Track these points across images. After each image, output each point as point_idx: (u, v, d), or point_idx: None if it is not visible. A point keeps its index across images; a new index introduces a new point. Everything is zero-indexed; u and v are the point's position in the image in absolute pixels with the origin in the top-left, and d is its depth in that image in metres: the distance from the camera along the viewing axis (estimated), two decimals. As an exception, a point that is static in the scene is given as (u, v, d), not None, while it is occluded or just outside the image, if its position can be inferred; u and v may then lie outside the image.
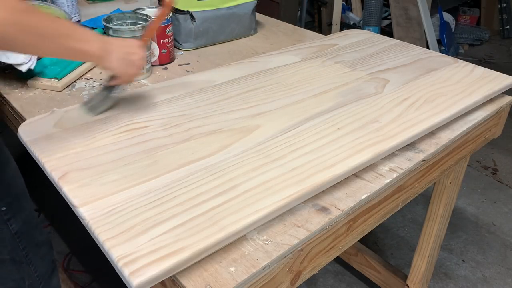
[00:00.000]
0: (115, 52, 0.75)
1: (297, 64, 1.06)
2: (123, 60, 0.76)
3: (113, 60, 0.75)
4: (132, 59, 0.78)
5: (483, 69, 1.07)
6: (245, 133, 0.78)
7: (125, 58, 0.77)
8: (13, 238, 0.84)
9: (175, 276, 0.55)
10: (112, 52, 0.74)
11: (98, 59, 0.74)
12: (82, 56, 0.72)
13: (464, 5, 3.79)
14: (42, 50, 0.66)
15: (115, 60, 0.75)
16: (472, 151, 0.99)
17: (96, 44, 0.71)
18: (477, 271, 1.64)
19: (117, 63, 0.76)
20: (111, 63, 0.75)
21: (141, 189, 0.64)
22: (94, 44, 0.71)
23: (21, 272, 0.88)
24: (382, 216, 0.77)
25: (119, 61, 0.76)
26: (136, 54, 0.79)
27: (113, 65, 0.76)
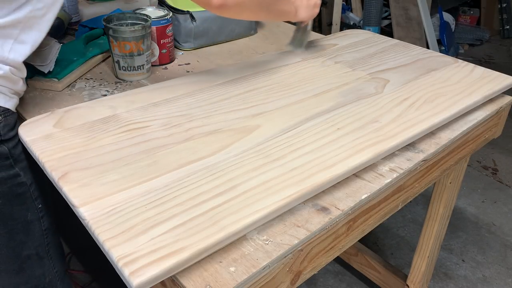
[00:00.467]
0: (301, 6, 0.98)
1: (297, 64, 1.06)
2: (308, 8, 1.00)
3: (301, 12, 0.99)
4: (312, 3, 1.00)
5: (483, 69, 1.07)
6: (245, 133, 0.78)
7: (309, 5, 1.00)
8: (42, 234, 0.87)
9: (175, 276, 0.55)
10: (299, 7, 0.98)
11: (294, 16, 0.98)
12: (285, 15, 0.97)
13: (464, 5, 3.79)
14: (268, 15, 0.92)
15: (303, 11, 0.99)
16: (472, 151, 0.99)
17: (290, 4, 0.95)
18: (477, 271, 1.64)
19: (305, 13, 1.00)
20: (302, 14, 1.00)
21: (141, 189, 0.64)
22: (289, 5, 0.95)
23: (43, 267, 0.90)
24: (382, 216, 0.77)
25: (306, 10, 1.00)
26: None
27: (303, 15, 1.00)
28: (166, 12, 1.12)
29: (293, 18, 1.00)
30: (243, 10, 0.84)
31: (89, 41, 1.16)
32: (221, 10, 0.80)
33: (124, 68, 1.03)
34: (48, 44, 0.98)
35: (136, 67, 1.03)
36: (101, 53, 1.13)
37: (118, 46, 1.01)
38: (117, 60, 1.03)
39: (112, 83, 1.04)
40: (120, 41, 1.00)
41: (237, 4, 0.80)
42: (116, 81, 1.05)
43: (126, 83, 1.04)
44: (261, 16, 0.96)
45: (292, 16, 0.98)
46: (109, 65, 1.12)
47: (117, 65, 1.04)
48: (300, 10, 0.98)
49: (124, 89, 1.01)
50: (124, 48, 1.00)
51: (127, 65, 1.03)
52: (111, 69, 1.10)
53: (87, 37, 1.15)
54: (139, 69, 1.04)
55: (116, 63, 1.04)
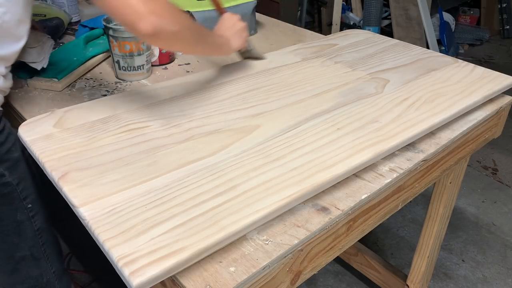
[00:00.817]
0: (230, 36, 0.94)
1: (297, 64, 1.06)
2: (236, 35, 0.96)
3: (234, 42, 0.95)
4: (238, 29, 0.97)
5: (483, 69, 1.07)
6: (245, 133, 0.78)
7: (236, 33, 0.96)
8: (35, 234, 0.86)
9: (175, 276, 0.55)
10: (230, 38, 0.94)
11: (228, 48, 0.94)
12: (219, 49, 0.91)
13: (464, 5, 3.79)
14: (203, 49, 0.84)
15: (235, 41, 0.95)
16: (472, 151, 0.99)
17: (222, 38, 0.92)
18: (477, 271, 1.64)
19: (237, 41, 0.96)
20: (235, 44, 0.96)
21: (141, 189, 0.64)
22: (221, 38, 0.91)
23: (40, 268, 0.89)
24: (382, 216, 0.77)
25: (237, 39, 0.96)
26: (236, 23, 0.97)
27: (237, 45, 0.96)
28: (166, 12, 1.12)
29: (226, 51, 0.95)
30: (177, 42, 0.73)
31: (89, 41, 1.16)
32: (153, 39, 0.68)
33: (124, 68, 1.03)
34: (40, 40, 0.98)
35: (136, 67, 1.03)
36: (101, 53, 1.13)
37: (118, 46, 1.01)
38: (117, 60, 1.03)
39: (112, 83, 1.04)
40: (120, 41, 1.00)
41: (170, 34, 0.68)
42: (116, 81, 1.05)
43: (126, 83, 1.04)
44: (196, 49, 0.84)
45: (226, 49, 0.93)
46: (109, 65, 1.12)
47: (117, 65, 1.04)
48: (231, 40, 0.94)
49: (124, 89, 1.01)
50: (124, 48, 1.00)
51: (127, 65, 1.03)
52: (111, 69, 1.10)
53: (87, 37, 1.15)
54: (139, 69, 1.04)
55: (116, 63, 1.04)
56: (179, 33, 0.70)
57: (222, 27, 0.95)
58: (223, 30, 0.94)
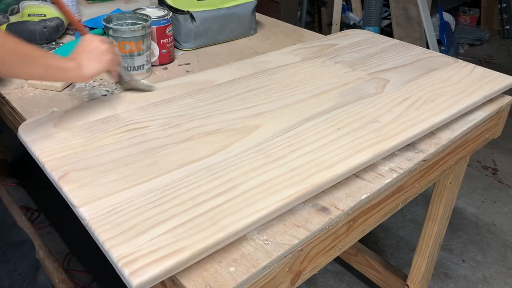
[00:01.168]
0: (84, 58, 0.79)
1: (297, 64, 1.06)
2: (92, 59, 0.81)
3: (88, 66, 0.79)
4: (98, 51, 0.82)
5: (483, 69, 1.07)
6: (245, 133, 0.78)
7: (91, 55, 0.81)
8: None
9: (175, 276, 0.55)
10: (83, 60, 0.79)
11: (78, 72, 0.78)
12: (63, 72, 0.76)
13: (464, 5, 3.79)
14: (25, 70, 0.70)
15: (90, 65, 0.80)
16: (472, 151, 0.99)
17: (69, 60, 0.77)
18: (477, 271, 1.64)
19: (92, 65, 0.80)
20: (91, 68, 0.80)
21: (141, 189, 0.64)
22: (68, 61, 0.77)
23: None
24: (382, 216, 0.77)
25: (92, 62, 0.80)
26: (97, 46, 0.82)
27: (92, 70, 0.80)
28: (166, 12, 1.12)
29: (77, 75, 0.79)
30: None
31: (89, 41, 1.16)
32: None
33: (124, 68, 1.03)
34: None
35: (136, 67, 1.03)
36: (101, 53, 1.12)
37: (118, 46, 1.01)
38: (117, 60, 1.03)
39: (112, 83, 1.04)
40: (120, 41, 1.00)
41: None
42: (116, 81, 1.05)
43: (126, 83, 1.04)
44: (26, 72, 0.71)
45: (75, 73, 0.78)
46: (109, 65, 1.12)
47: (117, 65, 1.04)
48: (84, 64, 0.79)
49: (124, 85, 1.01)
50: (124, 48, 1.00)
51: (127, 65, 1.03)
52: (111, 69, 1.10)
53: (87, 37, 1.15)
54: (139, 69, 1.04)
55: (116, 63, 1.04)
56: None
57: (77, 50, 0.82)
58: (77, 52, 0.81)
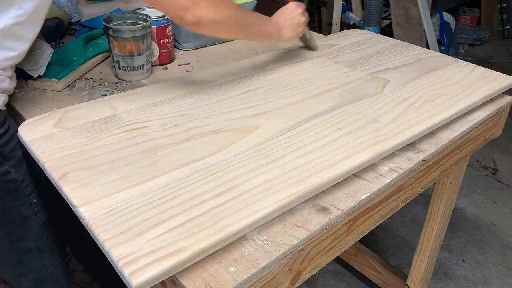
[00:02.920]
0: (284, 26, 0.96)
1: (297, 64, 1.06)
2: (291, 27, 0.97)
3: (285, 32, 0.96)
4: (295, 22, 0.98)
5: (483, 69, 1.07)
6: (245, 133, 0.78)
7: (292, 24, 0.97)
8: (40, 228, 0.89)
9: (175, 276, 0.55)
10: (283, 27, 0.95)
11: (278, 36, 0.95)
12: (268, 36, 0.94)
13: (464, 5, 3.79)
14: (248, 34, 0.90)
15: (287, 32, 0.96)
16: (472, 151, 0.99)
17: (273, 25, 0.94)
18: (477, 271, 1.64)
19: (289, 32, 0.97)
20: (286, 35, 0.97)
21: (141, 189, 0.64)
22: (273, 25, 0.94)
23: (44, 260, 0.91)
24: (382, 216, 0.77)
25: (289, 30, 0.97)
26: (296, 15, 0.98)
27: (288, 36, 0.97)
28: (166, 12, 1.12)
29: (276, 39, 0.97)
30: (221, 29, 0.81)
31: (89, 41, 1.16)
32: (197, 27, 0.77)
33: (124, 68, 1.03)
34: (39, 48, 0.97)
35: (136, 67, 1.03)
36: (101, 53, 1.13)
37: (118, 46, 1.01)
38: (117, 60, 1.03)
39: (112, 83, 1.04)
40: (120, 41, 1.00)
41: (214, 23, 0.77)
42: (116, 81, 1.05)
43: (126, 83, 1.04)
44: (241, 35, 0.93)
45: (275, 36, 0.95)
46: (109, 65, 1.12)
47: (117, 65, 1.04)
48: (283, 30, 0.96)
49: (124, 89, 1.01)
50: (124, 48, 1.00)
51: (127, 65, 1.03)
52: (111, 69, 1.10)
53: (87, 37, 1.15)
54: (139, 69, 1.04)
55: (116, 63, 1.04)
56: (222, 22, 0.79)
57: (280, 15, 0.97)
58: (279, 18, 0.96)
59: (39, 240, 0.89)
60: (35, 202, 0.86)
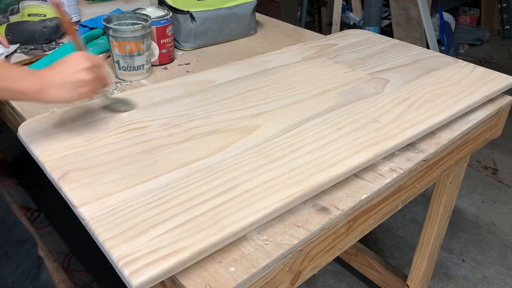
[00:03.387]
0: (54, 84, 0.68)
1: (297, 64, 1.06)
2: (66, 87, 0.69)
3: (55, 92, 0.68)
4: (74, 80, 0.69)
5: (483, 69, 1.07)
6: (245, 133, 0.78)
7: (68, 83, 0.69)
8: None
9: (175, 276, 0.55)
10: (51, 84, 0.68)
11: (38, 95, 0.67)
12: (17, 95, 0.67)
13: (464, 5, 3.78)
14: None
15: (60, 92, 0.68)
16: (472, 151, 0.99)
17: (29, 80, 0.66)
18: (477, 271, 1.64)
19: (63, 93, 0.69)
20: (56, 95, 0.69)
21: (141, 189, 0.64)
22: (27, 81, 0.66)
23: (1, 270, 0.88)
24: (382, 216, 0.77)
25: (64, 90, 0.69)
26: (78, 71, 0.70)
27: (59, 96, 0.69)
28: (166, 12, 1.12)
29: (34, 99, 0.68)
30: None
31: (89, 41, 1.16)
32: None
33: (124, 68, 1.03)
34: None
35: (136, 67, 1.03)
36: (101, 53, 1.13)
37: (118, 46, 1.01)
38: (117, 60, 1.03)
39: (112, 83, 1.04)
40: (120, 41, 1.00)
41: None
42: (116, 81, 1.05)
43: (126, 83, 1.04)
44: None
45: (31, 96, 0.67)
46: (109, 65, 1.12)
47: (117, 65, 1.04)
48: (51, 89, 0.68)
49: (124, 89, 1.01)
50: (124, 48, 1.00)
51: (127, 65, 1.03)
52: (111, 69, 1.10)
53: (87, 37, 1.15)
54: (139, 69, 1.04)
55: (116, 63, 1.04)
56: None
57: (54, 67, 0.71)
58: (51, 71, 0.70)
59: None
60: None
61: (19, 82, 0.65)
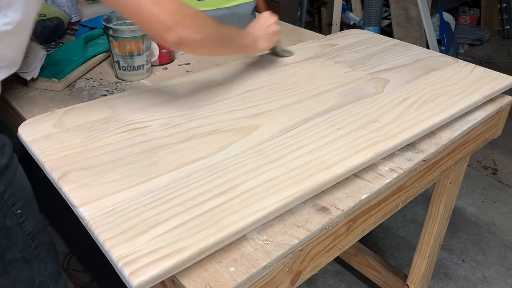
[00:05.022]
0: (260, 37, 0.95)
1: (297, 64, 1.06)
2: (266, 37, 0.97)
3: (261, 43, 0.96)
4: (270, 31, 0.97)
5: (483, 69, 1.07)
6: (245, 133, 0.78)
7: (267, 34, 0.97)
8: (27, 238, 0.86)
9: (175, 276, 0.55)
10: (258, 38, 0.95)
11: (253, 48, 0.95)
12: (245, 49, 0.94)
13: (464, 5, 3.78)
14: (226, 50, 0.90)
15: (262, 42, 0.96)
16: (472, 151, 0.99)
17: (250, 37, 0.93)
18: (477, 271, 1.64)
19: (264, 43, 0.97)
20: (262, 46, 0.97)
21: (141, 189, 0.64)
22: (249, 37, 0.93)
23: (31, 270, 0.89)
24: (382, 216, 0.77)
25: (265, 41, 0.97)
26: (271, 25, 0.98)
27: (263, 46, 0.98)
28: (166, 12, 1.12)
29: (252, 51, 0.98)
30: (202, 47, 0.80)
31: (89, 41, 1.16)
32: (178, 47, 0.76)
33: (124, 68, 1.03)
34: (32, 50, 0.96)
35: (136, 67, 1.03)
36: (101, 53, 1.13)
37: (118, 46, 1.01)
38: (117, 60, 1.03)
39: (112, 83, 1.04)
40: (120, 41, 1.00)
41: (195, 43, 0.77)
42: (116, 81, 1.05)
43: (126, 83, 1.04)
44: (221, 52, 0.94)
45: (252, 48, 0.95)
46: (109, 65, 1.12)
47: (117, 65, 1.04)
48: (259, 41, 0.95)
49: (124, 89, 1.01)
50: (124, 48, 1.00)
51: (127, 65, 1.03)
52: (111, 69, 1.10)
53: (87, 37, 1.15)
54: (139, 69, 1.04)
55: (116, 63, 1.04)
56: (203, 41, 0.77)
57: (255, 26, 0.97)
58: (254, 29, 0.96)
59: (26, 250, 0.86)
60: (19, 212, 0.82)
61: (247, 39, 0.92)
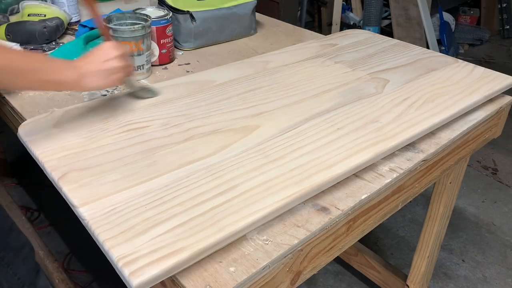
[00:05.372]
0: (89, 73, 0.74)
1: (297, 64, 1.06)
2: (99, 74, 0.75)
3: (90, 81, 0.74)
4: (108, 67, 0.76)
5: (483, 69, 1.07)
6: (245, 133, 0.78)
7: (101, 71, 0.75)
8: None
9: (175, 276, 0.55)
10: (86, 74, 0.74)
11: (76, 85, 0.74)
12: (58, 86, 0.73)
13: (464, 5, 3.78)
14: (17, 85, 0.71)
15: (92, 80, 0.74)
16: (472, 151, 0.99)
17: (69, 71, 0.72)
18: (477, 271, 1.64)
19: (95, 81, 0.75)
20: (90, 84, 0.75)
21: (141, 189, 0.64)
22: (67, 72, 0.71)
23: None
24: (382, 216, 0.77)
25: (97, 78, 0.75)
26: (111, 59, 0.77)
27: (93, 85, 0.75)
28: (166, 12, 1.12)
29: (76, 88, 0.75)
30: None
31: (89, 41, 1.16)
32: None
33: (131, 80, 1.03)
34: None
35: (136, 67, 1.03)
36: (101, 53, 1.12)
37: (118, 46, 1.00)
38: (117, 60, 1.03)
39: (112, 83, 1.04)
40: (120, 41, 1.00)
41: None
42: (116, 82, 1.05)
43: (126, 83, 1.04)
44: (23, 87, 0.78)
45: (73, 85, 0.74)
46: (109, 65, 1.12)
47: (117, 65, 1.04)
48: (86, 78, 0.74)
49: (124, 89, 1.01)
50: (124, 48, 1.00)
51: (127, 65, 1.03)
52: (111, 69, 1.10)
53: (87, 37, 1.15)
54: (139, 69, 1.04)
55: (116, 63, 1.03)
56: None
57: (86, 59, 0.76)
58: (84, 62, 0.75)
59: None
60: None
61: (61, 74, 0.71)
